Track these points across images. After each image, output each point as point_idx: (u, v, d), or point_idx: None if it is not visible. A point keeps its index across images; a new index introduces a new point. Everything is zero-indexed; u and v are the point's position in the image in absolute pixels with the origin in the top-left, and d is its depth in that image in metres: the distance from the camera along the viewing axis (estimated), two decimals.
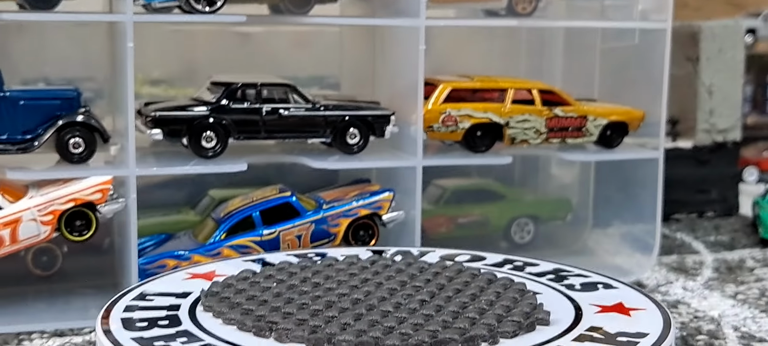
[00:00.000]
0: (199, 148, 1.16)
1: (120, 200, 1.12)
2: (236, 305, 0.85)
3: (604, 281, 0.94)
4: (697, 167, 1.76)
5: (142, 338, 0.79)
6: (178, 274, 0.99)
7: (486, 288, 0.88)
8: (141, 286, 0.94)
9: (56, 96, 1.13)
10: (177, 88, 1.39)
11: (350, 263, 0.98)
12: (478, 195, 1.45)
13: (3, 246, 1.07)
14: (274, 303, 0.85)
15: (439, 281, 0.90)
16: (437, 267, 0.96)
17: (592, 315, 0.83)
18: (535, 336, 0.78)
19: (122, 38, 1.10)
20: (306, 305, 0.84)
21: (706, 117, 1.76)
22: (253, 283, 0.92)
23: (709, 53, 1.73)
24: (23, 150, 1.10)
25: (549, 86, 1.32)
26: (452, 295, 0.86)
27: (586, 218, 1.51)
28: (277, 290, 0.89)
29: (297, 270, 0.96)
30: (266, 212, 1.19)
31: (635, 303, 0.86)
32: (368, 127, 1.23)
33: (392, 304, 0.84)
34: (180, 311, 0.86)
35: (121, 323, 0.83)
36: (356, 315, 0.81)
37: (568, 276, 0.95)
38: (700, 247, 1.54)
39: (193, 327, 0.82)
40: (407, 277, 0.92)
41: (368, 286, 0.89)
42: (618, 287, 0.92)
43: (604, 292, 0.90)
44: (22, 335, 1.07)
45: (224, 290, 0.89)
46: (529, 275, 0.96)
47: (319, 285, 0.90)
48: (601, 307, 0.85)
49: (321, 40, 1.47)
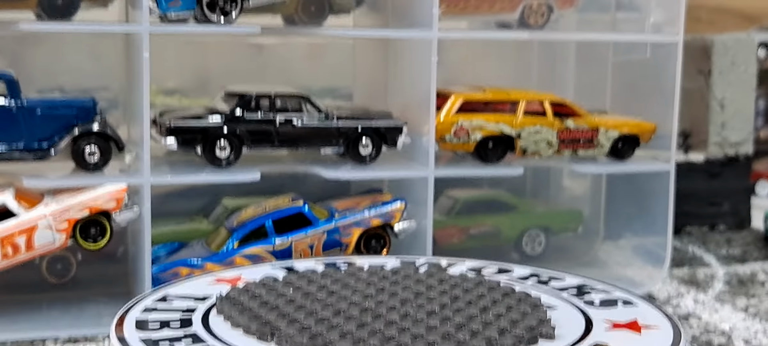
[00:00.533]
0: (213, 158, 1.17)
1: (134, 209, 1.13)
2: (247, 310, 0.86)
3: (626, 297, 0.93)
4: (709, 180, 1.76)
5: (151, 339, 0.80)
6: (205, 278, 1.00)
7: (499, 301, 0.88)
8: (164, 288, 0.95)
9: (72, 105, 1.14)
10: (191, 99, 1.40)
11: (373, 272, 0.99)
12: (490, 206, 1.45)
13: (19, 253, 1.08)
14: (284, 309, 0.86)
15: (455, 293, 0.91)
16: (457, 279, 0.96)
17: (602, 331, 0.83)
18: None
19: (138, 49, 1.11)
20: (315, 312, 0.85)
21: (718, 130, 1.76)
22: (270, 289, 0.92)
23: (722, 67, 1.74)
24: (39, 158, 1.12)
25: (561, 98, 1.32)
26: (463, 306, 0.87)
27: (598, 230, 1.52)
28: (292, 297, 0.89)
29: (317, 278, 0.96)
30: (279, 221, 1.20)
31: (651, 321, 0.85)
32: (381, 138, 1.24)
33: (400, 314, 0.84)
34: (194, 314, 0.87)
35: (135, 322, 0.84)
36: (360, 323, 0.81)
37: (591, 292, 0.95)
38: (712, 260, 1.54)
39: (202, 330, 0.83)
40: (424, 287, 0.92)
41: (383, 295, 0.90)
42: (637, 304, 0.91)
43: (623, 308, 0.89)
44: (37, 342, 1.08)
45: (241, 295, 0.90)
46: (550, 289, 0.96)
47: (335, 293, 0.91)
48: (613, 323, 0.85)
49: (334, 51, 1.48)
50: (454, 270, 1.02)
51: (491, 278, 0.98)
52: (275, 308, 0.86)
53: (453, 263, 1.05)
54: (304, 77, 1.43)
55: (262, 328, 0.80)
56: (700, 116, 1.77)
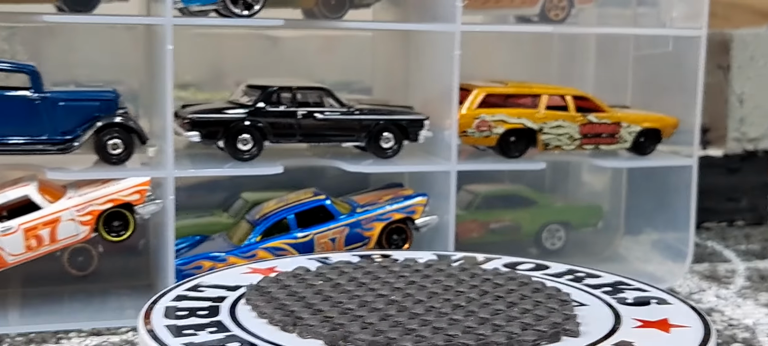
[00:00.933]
0: (236, 151, 1.17)
1: (157, 201, 1.13)
2: (274, 300, 0.86)
3: (661, 296, 0.92)
4: (728, 176, 1.75)
5: (176, 325, 0.81)
6: (240, 268, 1.00)
7: (528, 297, 0.88)
8: (198, 277, 0.96)
9: (95, 97, 1.14)
10: (206, 92, 1.40)
11: (405, 265, 0.99)
12: (510, 201, 1.45)
13: (42, 246, 1.08)
14: (311, 300, 0.86)
15: (484, 288, 0.90)
16: (489, 274, 0.96)
17: (629, 329, 0.82)
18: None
19: (161, 41, 1.11)
20: (341, 303, 0.85)
21: (737, 126, 1.75)
22: (301, 280, 0.92)
23: (741, 62, 1.73)
24: (62, 151, 1.12)
25: (583, 92, 1.32)
26: (490, 302, 0.86)
27: (618, 225, 1.51)
28: (321, 289, 0.89)
29: (350, 270, 0.96)
30: (301, 214, 1.20)
31: (682, 321, 0.84)
32: (402, 132, 1.23)
33: (425, 307, 0.84)
34: (223, 303, 0.87)
35: (165, 309, 0.85)
36: (383, 316, 0.81)
37: (625, 289, 0.94)
38: (732, 255, 1.54)
39: (228, 319, 0.83)
40: (455, 282, 0.92)
41: (412, 288, 0.90)
42: (672, 303, 0.90)
43: (655, 307, 0.88)
44: (60, 333, 1.08)
45: (270, 286, 0.90)
46: (584, 286, 0.95)
47: (365, 285, 0.90)
48: (643, 322, 0.84)
49: (350, 44, 1.47)
50: (489, 265, 1.02)
51: (525, 274, 0.98)
52: (302, 299, 0.86)
53: (491, 258, 1.05)
54: (319, 70, 1.42)
55: (285, 318, 0.80)
56: (718, 111, 1.76)
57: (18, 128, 1.09)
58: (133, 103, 1.28)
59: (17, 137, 1.10)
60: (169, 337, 0.79)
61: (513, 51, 1.53)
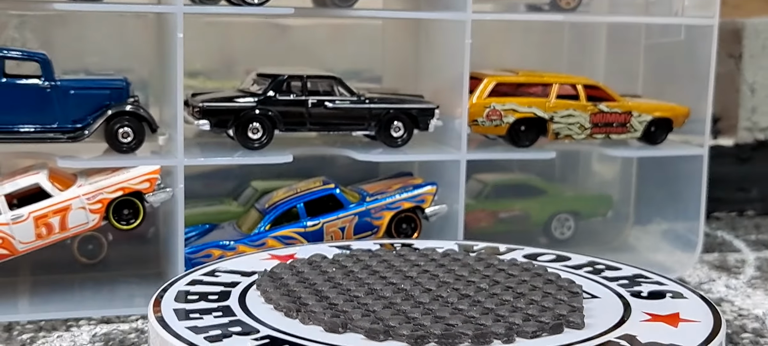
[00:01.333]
0: (246, 139, 1.17)
1: (167, 190, 1.13)
2: (282, 286, 0.86)
3: (677, 289, 0.91)
4: (738, 165, 1.75)
5: (184, 309, 0.82)
6: (260, 254, 1.01)
7: (539, 288, 0.87)
8: (216, 263, 0.97)
9: (106, 86, 1.14)
10: (215, 81, 1.40)
11: (422, 254, 0.99)
12: (519, 190, 1.45)
13: (52, 233, 1.09)
14: (320, 287, 0.86)
15: (497, 278, 0.90)
16: (505, 264, 0.95)
17: (637, 323, 0.81)
18: (557, 339, 0.76)
19: (171, 29, 1.10)
20: (349, 290, 0.85)
21: (748, 115, 1.74)
22: (315, 267, 0.93)
23: (753, 50, 1.72)
24: (73, 139, 1.12)
25: (594, 81, 1.31)
26: (499, 292, 0.86)
27: (627, 215, 1.51)
28: (333, 276, 0.89)
29: (366, 258, 0.96)
30: (310, 203, 1.20)
31: (693, 315, 0.83)
32: (412, 121, 1.23)
33: (432, 296, 0.84)
34: (235, 289, 0.87)
35: (176, 293, 0.87)
36: (388, 303, 0.82)
37: (642, 282, 0.93)
38: (742, 245, 1.53)
39: (236, 304, 0.84)
40: (468, 272, 0.92)
41: (423, 277, 0.90)
42: (688, 297, 0.89)
43: (669, 301, 0.87)
44: (70, 321, 1.09)
45: (284, 272, 0.90)
46: (600, 278, 0.94)
47: (377, 273, 0.91)
48: (652, 316, 0.83)
49: (359, 33, 1.47)
50: (509, 256, 1.01)
51: (542, 265, 0.97)
52: (311, 286, 0.87)
53: (513, 248, 1.05)
54: (329, 59, 1.42)
55: (290, 304, 0.81)
56: (729, 101, 1.75)
57: (29, 116, 1.10)
58: (143, 92, 1.28)
59: (28, 125, 1.10)
60: (175, 320, 0.79)
61: (524, 40, 1.53)
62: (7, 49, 1.11)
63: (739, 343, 1.05)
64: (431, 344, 0.74)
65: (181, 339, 0.74)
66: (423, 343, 0.73)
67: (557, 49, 1.51)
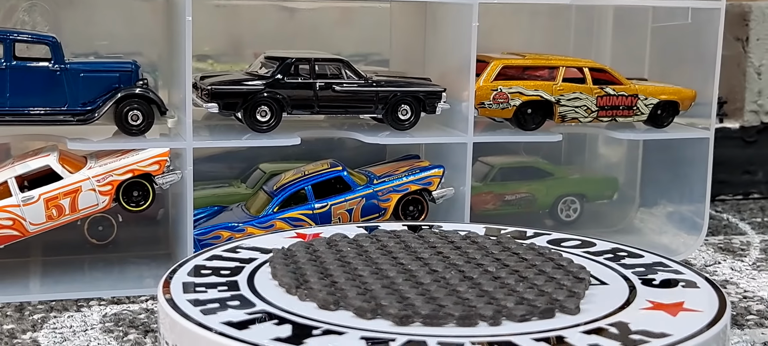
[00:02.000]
0: (254, 122, 1.18)
1: (176, 172, 1.14)
2: (292, 264, 0.88)
3: (692, 278, 0.90)
4: (744, 148, 1.75)
5: (192, 282, 0.85)
6: (289, 232, 1.03)
7: (546, 272, 0.88)
8: (240, 240, 1.00)
9: (115, 69, 1.15)
10: (224, 63, 1.40)
11: (442, 237, 1.00)
12: (525, 172, 1.45)
13: (63, 215, 1.10)
14: (328, 266, 0.87)
15: (508, 262, 0.91)
16: (520, 248, 0.96)
17: (635, 311, 0.80)
18: (545, 323, 0.76)
19: (180, 12, 1.11)
20: (355, 269, 0.87)
21: (755, 98, 1.75)
22: (332, 245, 0.94)
23: (759, 33, 1.72)
24: (83, 121, 1.13)
25: (600, 64, 1.32)
26: (504, 275, 0.87)
27: (633, 197, 1.51)
28: (344, 256, 0.91)
29: (385, 238, 0.98)
30: (318, 185, 1.21)
31: (698, 305, 0.82)
32: (420, 104, 1.24)
33: (434, 277, 0.85)
34: (249, 265, 0.90)
35: (192, 268, 0.89)
36: (388, 283, 0.82)
37: (659, 271, 0.92)
38: (747, 228, 1.54)
39: (243, 279, 0.86)
40: (481, 255, 0.93)
41: (434, 259, 0.91)
42: (700, 287, 0.87)
43: (679, 290, 0.86)
44: (81, 301, 1.10)
45: (299, 250, 0.92)
46: (618, 265, 0.93)
47: (390, 254, 0.92)
48: (654, 304, 0.83)
49: (367, 16, 1.47)
50: (534, 241, 1.02)
51: (558, 250, 0.97)
52: (321, 264, 0.88)
53: (540, 234, 1.05)
54: (337, 42, 1.43)
55: (291, 281, 0.82)
56: (736, 84, 1.75)
57: (39, 99, 1.11)
58: (152, 75, 1.29)
59: (38, 108, 1.11)
60: (180, 294, 0.81)
61: (530, 23, 1.53)
62: (17, 32, 1.12)
63: (744, 325, 1.06)
64: (416, 323, 0.74)
65: (190, 319, 0.75)
66: (407, 322, 0.74)
67: (564, 32, 1.52)
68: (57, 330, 1.00)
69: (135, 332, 1.00)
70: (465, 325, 0.74)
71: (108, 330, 1.01)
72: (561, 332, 0.74)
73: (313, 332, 0.73)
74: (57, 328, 1.01)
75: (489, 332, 0.74)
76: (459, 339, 0.72)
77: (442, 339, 0.72)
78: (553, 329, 0.75)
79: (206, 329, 0.73)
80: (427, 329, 0.74)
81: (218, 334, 0.72)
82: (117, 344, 0.97)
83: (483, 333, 0.74)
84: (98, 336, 0.99)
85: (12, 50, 1.10)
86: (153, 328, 1.01)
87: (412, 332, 0.73)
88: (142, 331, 1.00)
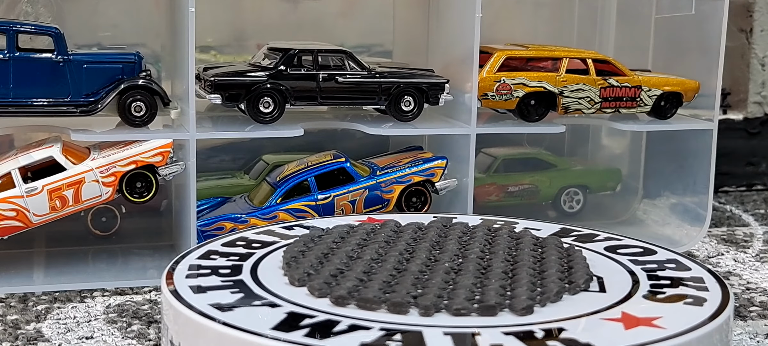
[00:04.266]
0: (257, 113, 1.18)
1: (180, 163, 1.14)
2: (299, 254, 0.88)
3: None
4: (748, 140, 1.75)
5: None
6: (358, 216, 1.07)
7: (546, 270, 0.87)
8: (274, 225, 1.04)
9: (118, 60, 1.14)
10: (227, 55, 1.40)
11: (455, 228, 1.00)
12: (528, 164, 1.45)
13: (66, 206, 1.10)
14: (334, 257, 0.88)
15: (513, 254, 0.91)
16: (533, 241, 0.95)
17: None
18: (482, 320, 0.75)
19: (183, 3, 1.11)
20: (358, 260, 0.87)
21: (758, 89, 1.74)
22: (344, 235, 0.95)
23: (763, 25, 1.72)
24: (86, 112, 1.13)
25: (604, 56, 1.32)
26: (498, 269, 0.86)
27: (637, 189, 1.51)
28: (351, 247, 0.91)
29: (398, 229, 0.98)
30: (321, 177, 1.21)
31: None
32: (423, 95, 1.24)
33: (430, 267, 0.86)
34: (261, 249, 0.92)
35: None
36: (389, 274, 0.83)
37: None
38: (750, 219, 1.54)
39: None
40: (488, 250, 0.93)
41: (436, 250, 0.91)
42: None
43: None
44: (85, 292, 1.10)
45: (316, 238, 0.94)
46: (628, 261, 0.92)
47: (396, 246, 0.92)
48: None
49: (370, 7, 1.47)
50: (544, 233, 1.01)
51: (573, 244, 0.97)
52: (325, 256, 0.89)
53: (576, 231, 1.04)
54: (340, 33, 1.43)
55: (291, 272, 0.84)
56: (739, 75, 1.75)
57: (42, 90, 1.11)
58: (155, 66, 1.29)
59: (41, 99, 1.11)
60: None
61: (534, 14, 1.53)
62: (20, 23, 1.12)
63: (746, 316, 1.06)
64: (382, 309, 0.76)
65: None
66: (375, 309, 0.76)
67: (567, 23, 1.52)
68: (61, 321, 1.00)
69: (138, 323, 1.00)
70: (397, 313, 0.76)
71: (111, 321, 1.01)
72: (563, 323, 0.75)
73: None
74: (61, 319, 1.01)
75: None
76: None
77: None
78: (492, 325, 0.74)
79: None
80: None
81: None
82: (120, 334, 0.97)
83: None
84: (102, 327, 0.99)
85: (15, 41, 1.10)
86: (156, 319, 1.02)
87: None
88: (145, 322, 1.01)
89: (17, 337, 0.95)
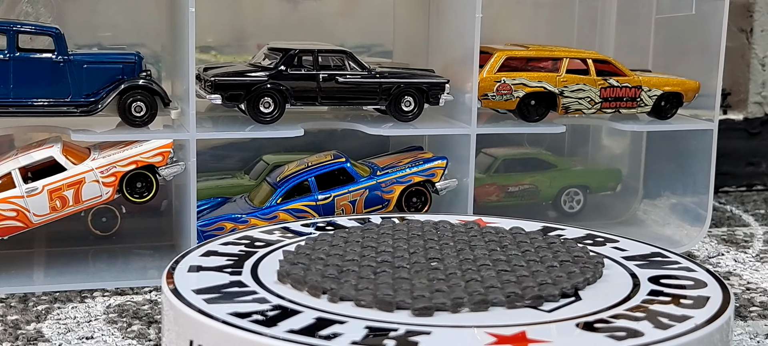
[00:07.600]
0: (257, 113, 1.18)
1: (180, 163, 1.14)
2: (299, 254, 0.88)
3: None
4: (748, 140, 1.75)
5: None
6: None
7: (544, 269, 0.86)
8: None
9: (118, 60, 1.14)
10: (226, 55, 1.40)
11: (459, 227, 1.00)
12: (529, 164, 1.45)
13: (67, 206, 1.10)
14: (333, 257, 0.88)
15: (514, 252, 0.91)
16: (538, 242, 0.95)
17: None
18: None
19: (183, 3, 1.11)
20: (355, 260, 0.87)
21: (759, 89, 1.74)
22: (348, 235, 0.96)
23: (764, 25, 1.72)
24: (86, 113, 1.13)
25: (604, 56, 1.32)
26: (494, 268, 0.86)
27: (637, 189, 1.51)
28: (352, 247, 0.91)
29: (402, 228, 0.99)
30: (321, 177, 1.21)
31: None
32: (423, 95, 1.24)
33: (430, 267, 0.86)
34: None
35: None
36: (392, 273, 0.83)
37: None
38: (750, 220, 1.54)
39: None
40: (488, 249, 0.92)
41: (434, 250, 0.91)
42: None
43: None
44: (85, 292, 1.10)
45: (333, 235, 0.95)
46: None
47: (397, 245, 0.92)
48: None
49: (370, 7, 1.47)
50: (568, 234, 1.01)
51: (578, 245, 0.96)
52: (324, 255, 0.89)
53: (599, 235, 1.03)
54: (340, 33, 1.43)
55: (285, 270, 0.84)
56: (739, 75, 1.75)
57: (42, 90, 1.11)
58: (155, 66, 1.29)
59: (41, 99, 1.11)
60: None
61: (534, 14, 1.53)
62: (20, 23, 1.12)
63: (747, 316, 1.06)
64: (373, 309, 0.76)
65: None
66: (366, 307, 0.76)
67: (567, 23, 1.52)
68: (61, 321, 1.00)
69: (139, 323, 1.00)
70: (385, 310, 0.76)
71: (112, 321, 1.01)
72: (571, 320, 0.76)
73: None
74: (61, 319, 1.01)
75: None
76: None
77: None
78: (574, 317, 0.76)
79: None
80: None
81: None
82: (121, 335, 0.97)
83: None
84: (102, 327, 0.99)
85: (15, 42, 1.10)
86: (156, 319, 1.02)
87: None
88: (145, 322, 1.01)
89: (17, 337, 0.95)
